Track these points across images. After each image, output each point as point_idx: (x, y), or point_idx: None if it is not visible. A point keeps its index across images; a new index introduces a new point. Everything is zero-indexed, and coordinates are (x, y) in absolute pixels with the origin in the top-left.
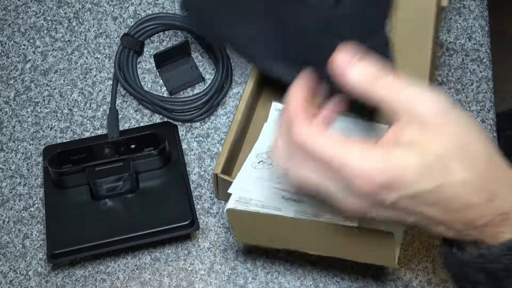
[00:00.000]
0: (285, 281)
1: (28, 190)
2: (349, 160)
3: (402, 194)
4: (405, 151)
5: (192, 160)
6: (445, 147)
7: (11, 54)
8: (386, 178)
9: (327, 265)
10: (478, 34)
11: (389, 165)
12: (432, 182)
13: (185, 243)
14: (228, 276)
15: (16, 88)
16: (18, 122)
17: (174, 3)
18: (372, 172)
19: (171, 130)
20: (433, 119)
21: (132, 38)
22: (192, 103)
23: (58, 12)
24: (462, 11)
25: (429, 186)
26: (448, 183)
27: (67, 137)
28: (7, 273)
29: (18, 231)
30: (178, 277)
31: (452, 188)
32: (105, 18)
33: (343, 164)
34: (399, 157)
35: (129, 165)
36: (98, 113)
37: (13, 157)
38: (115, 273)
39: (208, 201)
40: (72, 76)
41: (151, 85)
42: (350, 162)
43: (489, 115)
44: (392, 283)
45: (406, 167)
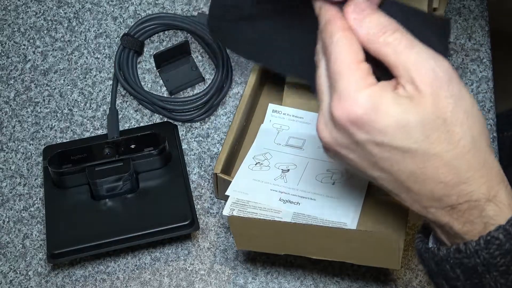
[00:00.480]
0: (285, 281)
1: (28, 190)
2: (342, 82)
3: (371, 138)
4: (394, 101)
5: (192, 160)
6: (430, 116)
7: (11, 54)
8: (362, 115)
9: (327, 265)
10: (478, 34)
11: (372, 105)
12: (404, 142)
13: (185, 243)
14: (228, 276)
15: (16, 88)
16: (18, 122)
17: (174, 3)
18: (353, 103)
19: (171, 130)
20: (426, 87)
21: (132, 38)
22: (192, 103)
23: (58, 12)
24: (462, 11)
25: (399, 144)
26: (421, 151)
27: (67, 137)
28: (7, 273)
29: (18, 231)
30: (178, 277)
31: (424, 157)
32: (105, 18)
33: (336, 81)
34: (385, 102)
35: (129, 165)
36: (98, 113)
37: (13, 157)
38: (115, 273)
39: (208, 201)
40: (72, 76)
41: (151, 85)
42: (342, 85)
43: (489, 115)
44: (392, 283)
45: (386, 114)
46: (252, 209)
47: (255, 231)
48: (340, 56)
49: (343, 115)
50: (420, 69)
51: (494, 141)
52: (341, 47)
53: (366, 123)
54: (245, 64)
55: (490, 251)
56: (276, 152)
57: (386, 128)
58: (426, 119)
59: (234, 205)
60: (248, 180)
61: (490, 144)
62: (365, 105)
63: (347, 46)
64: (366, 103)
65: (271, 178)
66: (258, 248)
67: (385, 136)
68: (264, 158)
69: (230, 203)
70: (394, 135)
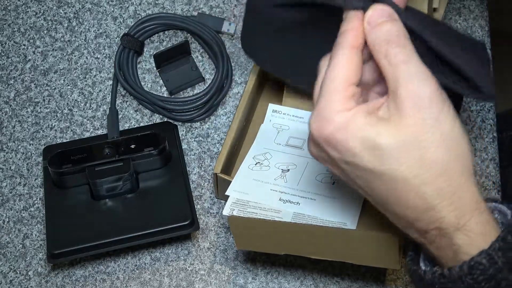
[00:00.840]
0: (285, 281)
1: (28, 190)
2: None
3: (341, 157)
4: (368, 123)
5: (192, 160)
6: (405, 139)
7: (11, 54)
8: (332, 133)
9: (327, 265)
10: (478, 34)
11: (344, 125)
12: (372, 163)
13: (185, 243)
14: (228, 276)
15: (16, 88)
16: (18, 122)
17: (174, 3)
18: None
19: (171, 130)
20: (407, 108)
21: (132, 38)
22: (192, 103)
23: (58, 12)
24: (462, 11)
25: (367, 165)
26: (388, 173)
27: (67, 137)
28: (7, 273)
29: (18, 231)
30: (178, 277)
31: (392, 180)
32: (105, 18)
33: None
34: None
35: (129, 165)
36: (98, 113)
37: (13, 157)
38: (115, 273)
39: (208, 201)
40: (72, 76)
41: (151, 85)
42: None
43: (489, 115)
44: (392, 283)
45: (357, 136)
46: (252, 209)
47: (255, 231)
48: (334, 73)
49: (317, 133)
50: (406, 86)
51: (494, 141)
52: (340, 63)
53: (337, 142)
54: (245, 64)
55: (474, 277)
56: (276, 152)
57: (354, 149)
58: (399, 142)
59: (234, 205)
60: (248, 180)
61: (469, 168)
62: (337, 124)
63: (346, 65)
64: (338, 123)
65: (271, 178)
66: (258, 248)
67: (354, 156)
68: (264, 158)
69: (230, 203)
70: (362, 156)
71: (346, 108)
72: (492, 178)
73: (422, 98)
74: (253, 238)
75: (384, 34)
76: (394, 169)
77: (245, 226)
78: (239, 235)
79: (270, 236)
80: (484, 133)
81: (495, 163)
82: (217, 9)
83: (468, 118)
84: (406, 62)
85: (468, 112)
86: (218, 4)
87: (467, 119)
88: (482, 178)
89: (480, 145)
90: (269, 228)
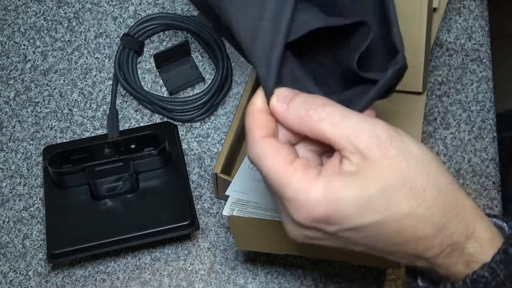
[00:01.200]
0: (285, 281)
1: (28, 190)
2: (288, 189)
3: (341, 228)
4: (346, 183)
5: (192, 160)
6: (389, 180)
7: (11, 54)
8: (324, 212)
9: (327, 265)
10: (478, 34)
11: (328, 198)
12: (373, 216)
13: (185, 243)
14: (228, 276)
15: (16, 88)
16: (18, 122)
17: (174, 3)
18: (310, 204)
19: (171, 130)
20: (374, 153)
21: (132, 38)
22: (192, 103)
23: (58, 12)
24: (462, 11)
25: (369, 220)
26: (392, 217)
27: (67, 137)
28: (7, 273)
29: (18, 231)
30: (178, 277)
31: (398, 221)
32: (105, 18)
33: (283, 192)
34: (339, 189)
35: (129, 165)
36: (98, 113)
37: (13, 157)
38: (115, 273)
39: (208, 201)
40: (72, 76)
41: (151, 85)
42: (289, 192)
43: (489, 115)
44: (392, 283)
45: (346, 200)
46: (252, 209)
47: (255, 231)
48: (272, 169)
49: (306, 219)
50: (362, 136)
51: (494, 141)
52: (267, 159)
53: (331, 217)
54: (245, 64)
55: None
56: None
57: (349, 212)
58: (386, 185)
59: (234, 205)
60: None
61: (454, 180)
62: (321, 201)
63: (273, 154)
64: (320, 199)
65: None
66: (258, 248)
67: (354, 219)
68: None
69: (230, 203)
70: (361, 214)
71: (312, 178)
72: (492, 178)
73: (380, 138)
74: (253, 238)
75: (303, 104)
76: (396, 211)
77: (245, 226)
78: (239, 235)
79: (270, 236)
80: (484, 133)
81: (495, 163)
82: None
83: (468, 118)
84: (346, 116)
85: (468, 112)
86: None
87: (467, 119)
88: (482, 178)
89: (480, 145)
90: (269, 228)
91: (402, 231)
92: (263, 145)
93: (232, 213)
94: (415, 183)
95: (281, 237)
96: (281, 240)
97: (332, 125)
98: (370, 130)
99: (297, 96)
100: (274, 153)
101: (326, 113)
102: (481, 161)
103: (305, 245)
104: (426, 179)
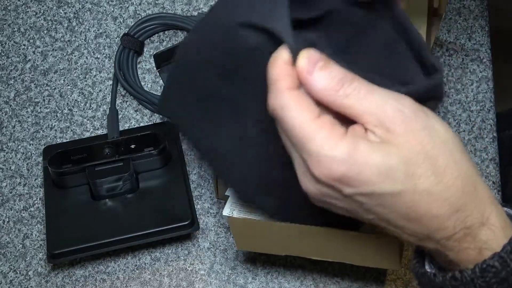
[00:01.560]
0: (285, 281)
1: (28, 190)
2: (312, 144)
3: (358, 191)
4: (370, 149)
5: (192, 160)
6: (411, 153)
7: (11, 54)
8: (346, 172)
9: (327, 265)
10: (478, 34)
11: (352, 159)
12: (391, 186)
13: (185, 243)
14: (228, 276)
15: (16, 88)
16: (18, 122)
17: (174, 3)
18: (333, 162)
19: (171, 130)
20: (398, 126)
21: (132, 38)
22: None
23: (58, 12)
24: (462, 11)
25: (387, 189)
26: (409, 190)
27: (67, 137)
28: (7, 273)
29: (18, 231)
30: (178, 277)
31: (414, 195)
32: (105, 18)
33: (305, 146)
34: (363, 153)
35: (129, 165)
36: (98, 113)
37: (13, 157)
38: (115, 273)
39: (208, 201)
40: (72, 76)
41: (151, 85)
42: (312, 147)
43: (489, 115)
44: (392, 283)
45: (368, 165)
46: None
47: (255, 232)
48: (297, 121)
49: (326, 176)
50: (386, 111)
51: (494, 141)
52: (292, 110)
53: (350, 179)
54: None
55: (486, 279)
56: None
57: (370, 178)
58: (407, 158)
59: (234, 205)
60: None
61: (474, 165)
62: (344, 161)
63: (299, 107)
64: (344, 159)
65: None
66: (258, 248)
67: (372, 185)
68: None
69: (230, 203)
70: (380, 182)
71: (338, 135)
72: (492, 178)
73: (405, 113)
74: (253, 238)
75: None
76: (414, 184)
77: (245, 227)
78: (239, 235)
79: (270, 236)
80: (484, 133)
81: (495, 163)
82: None
83: (468, 118)
84: (372, 91)
85: (468, 112)
86: None
87: (467, 119)
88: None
89: (480, 145)
90: (269, 229)
91: (417, 206)
92: (289, 96)
93: (232, 214)
94: (436, 160)
95: (281, 238)
96: (281, 240)
97: (357, 100)
98: (395, 104)
99: (328, 66)
100: (300, 105)
101: (352, 88)
102: (481, 161)
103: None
104: (447, 158)
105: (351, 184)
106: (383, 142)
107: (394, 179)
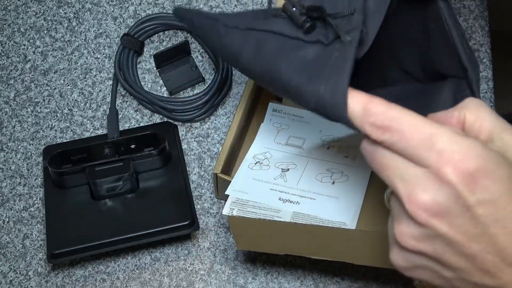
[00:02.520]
0: (285, 281)
1: (28, 190)
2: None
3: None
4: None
5: (192, 160)
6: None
7: (11, 54)
8: (481, 163)
9: (327, 265)
10: (478, 34)
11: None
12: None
13: (185, 243)
14: (228, 276)
15: (16, 88)
16: (18, 122)
17: (174, 3)
18: (469, 153)
19: (171, 130)
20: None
21: (132, 38)
22: (192, 103)
23: (58, 12)
24: (462, 11)
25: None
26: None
27: (67, 137)
28: (7, 273)
29: (18, 231)
30: (178, 277)
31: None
32: (105, 18)
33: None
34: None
35: (129, 165)
36: (98, 113)
37: (13, 157)
38: (115, 273)
39: (208, 201)
40: (72, 76)
41: (151, 85)
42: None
43: None
44: (392, 283)
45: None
46: (251, 209)
47: (255, 231)
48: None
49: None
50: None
51: None
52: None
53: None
54: None
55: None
56: (276, 151)
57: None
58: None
59: (234, 205)
60: (248, 180)
61: None
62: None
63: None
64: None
65: (271, 178)
66: (258, 248)
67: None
68: (264, 157)
69: (230, 203)
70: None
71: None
72: None
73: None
74: (253, 238)
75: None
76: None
77: (244, 226)
78: (239, 235)
79: (270, 236)
80: None
81: None
82: (217, 9)
83: None
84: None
85: None
86: (218, 4)
87: None
88: None
89: None
90: (269, 228)
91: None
92: (395, 107)
93: (232, 213)
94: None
95: (281, 237)
96: (281, 240)
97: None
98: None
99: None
100: (410, 112)
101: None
102: None
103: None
104: None
105: (488, 177)
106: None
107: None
